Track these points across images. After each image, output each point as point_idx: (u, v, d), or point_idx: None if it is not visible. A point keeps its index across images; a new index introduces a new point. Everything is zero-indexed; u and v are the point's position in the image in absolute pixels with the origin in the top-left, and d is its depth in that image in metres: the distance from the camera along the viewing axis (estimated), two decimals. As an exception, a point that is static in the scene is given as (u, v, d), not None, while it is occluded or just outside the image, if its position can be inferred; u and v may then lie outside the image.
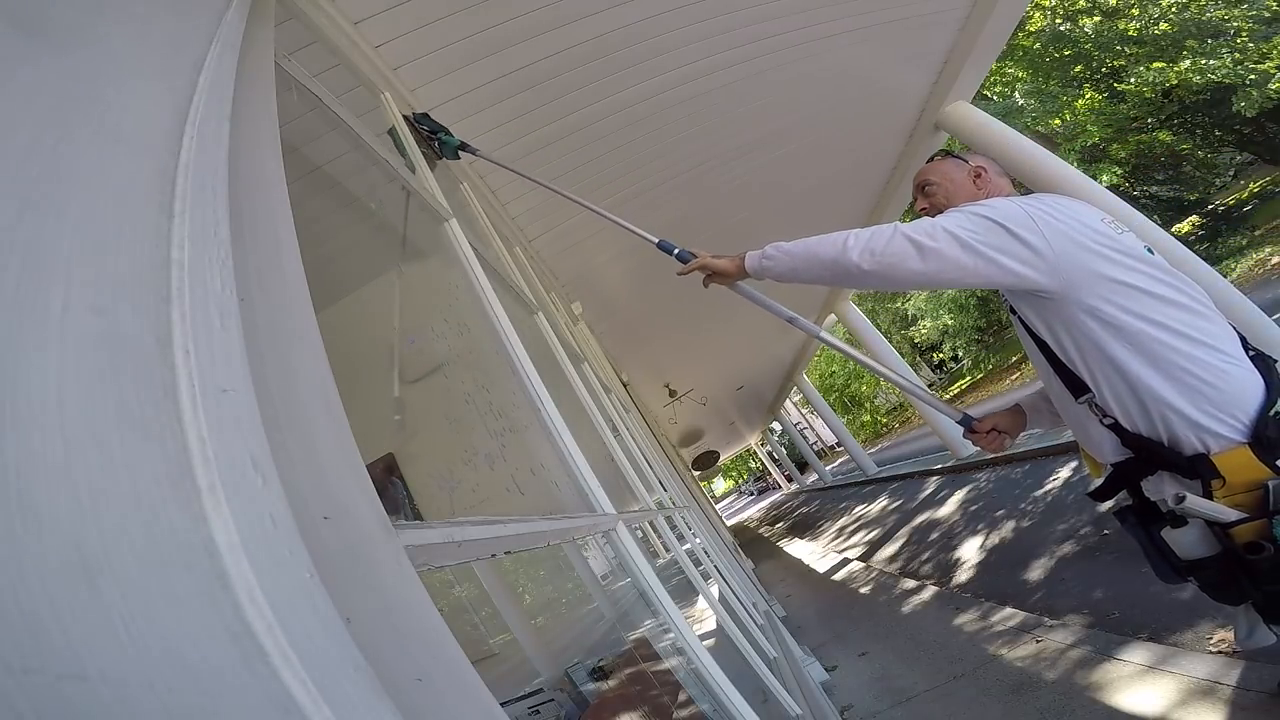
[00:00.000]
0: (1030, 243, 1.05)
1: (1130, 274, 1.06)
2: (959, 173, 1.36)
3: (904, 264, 1.09)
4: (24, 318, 0.33)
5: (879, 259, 1.10)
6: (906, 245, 1.08)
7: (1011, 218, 1.08)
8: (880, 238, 1.10)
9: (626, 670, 2.27)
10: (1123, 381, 1.06)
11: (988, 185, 1.34)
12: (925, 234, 1.08)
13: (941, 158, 1.42)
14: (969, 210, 1.12)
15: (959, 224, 1.09)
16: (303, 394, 0.49)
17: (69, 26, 0.51)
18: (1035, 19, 13.68)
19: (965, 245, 1.06)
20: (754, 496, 40.17)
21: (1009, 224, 1.07)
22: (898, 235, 1.10)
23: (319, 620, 0.32)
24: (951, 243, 1.07)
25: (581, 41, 2.54)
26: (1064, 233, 1.07)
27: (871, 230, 1.12)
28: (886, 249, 1.09)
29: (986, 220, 1.08)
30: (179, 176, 0.48)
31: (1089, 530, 3.70)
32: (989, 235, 1.07)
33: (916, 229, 1.10)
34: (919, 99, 4.42)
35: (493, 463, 1.94)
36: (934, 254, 1.07)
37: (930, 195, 1.37)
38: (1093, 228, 1.09)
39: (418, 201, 1.80)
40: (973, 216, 1.09)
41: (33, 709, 0.25)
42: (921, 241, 1.08)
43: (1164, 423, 1.04)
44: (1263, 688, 1.82)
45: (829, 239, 1.17)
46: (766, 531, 14.89)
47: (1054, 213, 1.10)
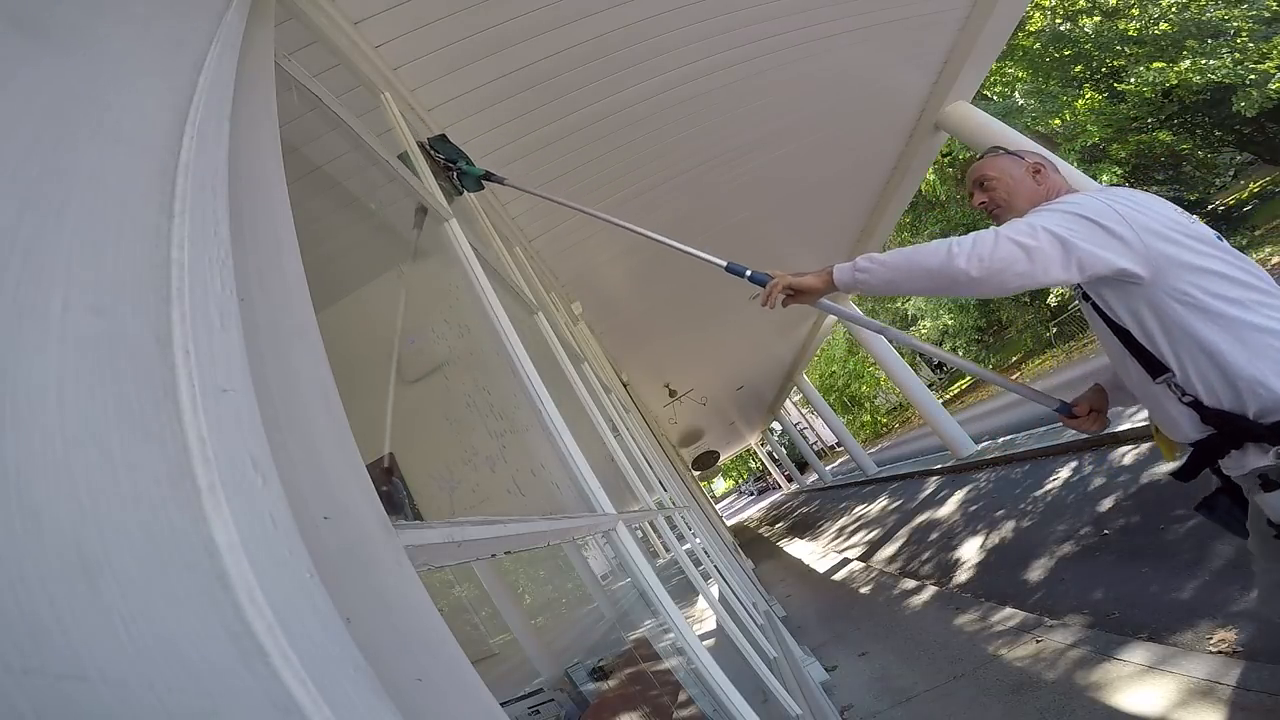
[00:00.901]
0: (1121, 235, 1.10)
1: (1207, 259, 1.11)
2: (1017, 169, 1.39)
3: (1012, 267, 1.12)
4: (24, 318, 0.33)
5: (988, 265, 1.13)
6: (1014, 249, 1.12)
7: (1100, 213, 1.12)
8: (985, 244, 1.14)
9: (626, 670, 2.27)
10: (1209, 361, 1.10)
11: (1047, 180, 1.37)
12: (1028, 236, 1.12)
13: (996, 154, 1.45)
14: (1058, 209, 1.15)
15: (1056, 223, 1.12)
16: (303, 394, 0.49)
17: (69, 27, 0.51)
18: (1035, 19, 13.68)
19: (1066, 243, 1.10)
20: (754, 496, 40.16)
21: (1099, 219, 1.12)
22: (1003, 240, 1.13)
23: (319, 620, 0.32)
24: (1054, 242, 1.11)
25: (581, 41, 2.54)
26: (1146, 223, 1.12)
27: (972, 238, 1.16)
28: (994, 254, 1.13)
29: (1079, 217, 1.12)
30: (179, 176, 0.48)
31: (1089, 530, 3.71)
32: (1085, 231, 1.11)
33: (1017, 232, 1.13)
34: (919, 99, 4.42)
35: (494, 465, 1.94)
36: (1040, 254, 1.11)
37: (990, 190, 1.40)
38: (1170, 217, 1.15)
39: (418, 201, 1.80)
40: (1065, 215, 1.13)
41: (33, 709, 0.25)
42: (1027, 244, 1.11)
43: (1252, 397, 1.08)
44: (1263, 688, 1.82)
45: (929, 250, 1.20)
46: (766, 531, 14.89)
47: (1134, 205, 1.15)
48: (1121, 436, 4.91)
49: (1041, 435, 6.58)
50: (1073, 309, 15.02)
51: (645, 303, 5.74)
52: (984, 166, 1.43)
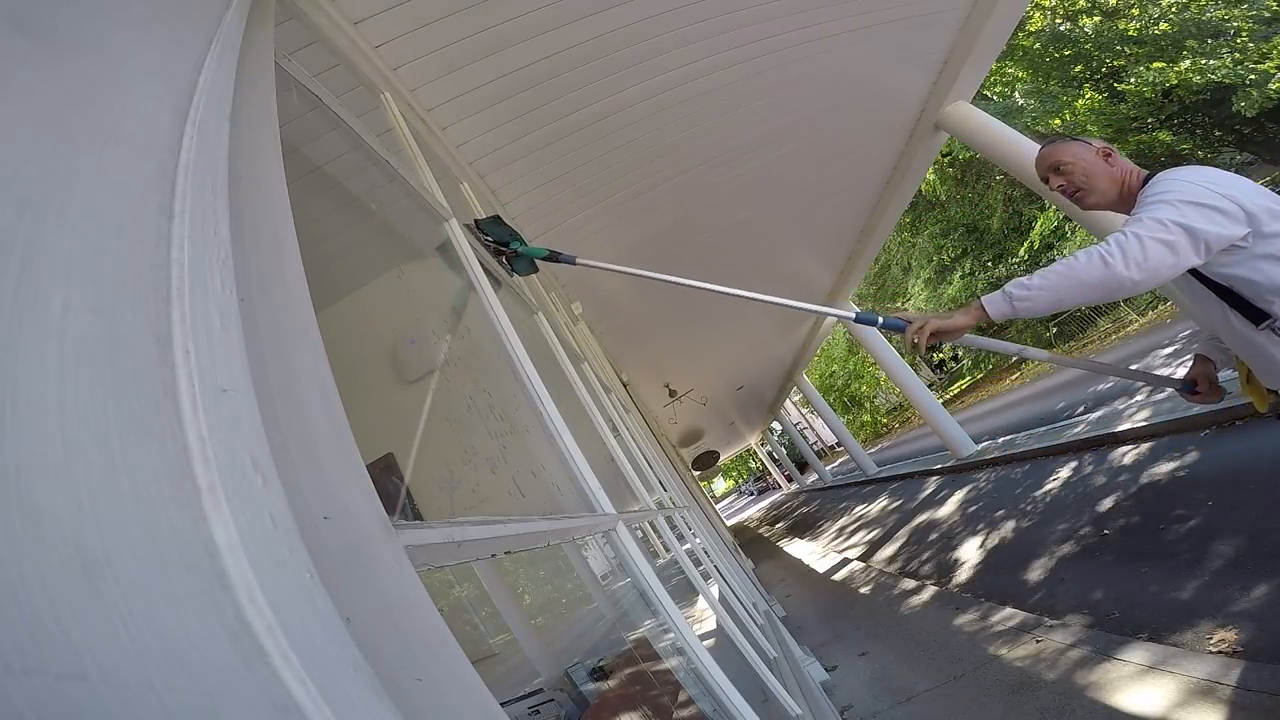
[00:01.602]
0: (1223, 208, 1.22)
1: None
2: (1088, 153, 1.46)
3: (1164, 264, 1.23)
4: (24, 318, 0.33)
5: (1146, 267, 1.23)
6: (1161, 248, 1.22)
7: (1204, 196, 1.23)
8: (1136, 249, 1.23)
9: (626, 670, 2.27)
10: None
11: (1118, 162, 1.45)
12: (1164, 232, 1.22)
13: (1063, 140, 1.52)
14: (1169, 200, 1.25)
15: (1179, 216, 1.23)
16: (303, 394, 0.49)
17: (69, 27, 0.51)
18: (1035, 19, 13.69)
19: (1192, 231, 1.21)
20: (754, 496, 40.17)
21: (1207, 201, 1.23)
22: (1148, 241, 1.22)
23: (319, 620, 0.32)
24: (1183, 232, 1.22)
25: (581, 41, 2.54)
26: (1238, 195, 1.23)
27: (1117, 245, 1.24)
28: (1148, 257, 1.22)
29: (1193, 204, 1.23)
30: (179, 176, 0.48)
31: (1089, 530, 3.71)
32: (1202, 216, 1.22)
33: (1153, 231, 1.23)
34: (919, 99, 4.42)
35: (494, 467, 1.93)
36: (1180, 247, 1.22)
37: (1068, 174, 1.47)
38: (1251, 189, 1.26)
39: (417, 201, 1.80)
40: (1181, 205, 1.23)
41: (33, 709, 0.25)
42: (1170, 240, 1.22)
43: None
44: (1263, 688, 1.82)
45: (1082, 265, 1.27)
46: (766, 531, 14.89)
47: (1223, 181, 1.26)
48: (1121, 436, 4.91)
49: (1041, 435, 6.58)
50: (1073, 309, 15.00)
51: (645, 303, 5.74)
52: (1056, 152, 1.50)
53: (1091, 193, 1.44)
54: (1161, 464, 4.02)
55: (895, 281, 20.89)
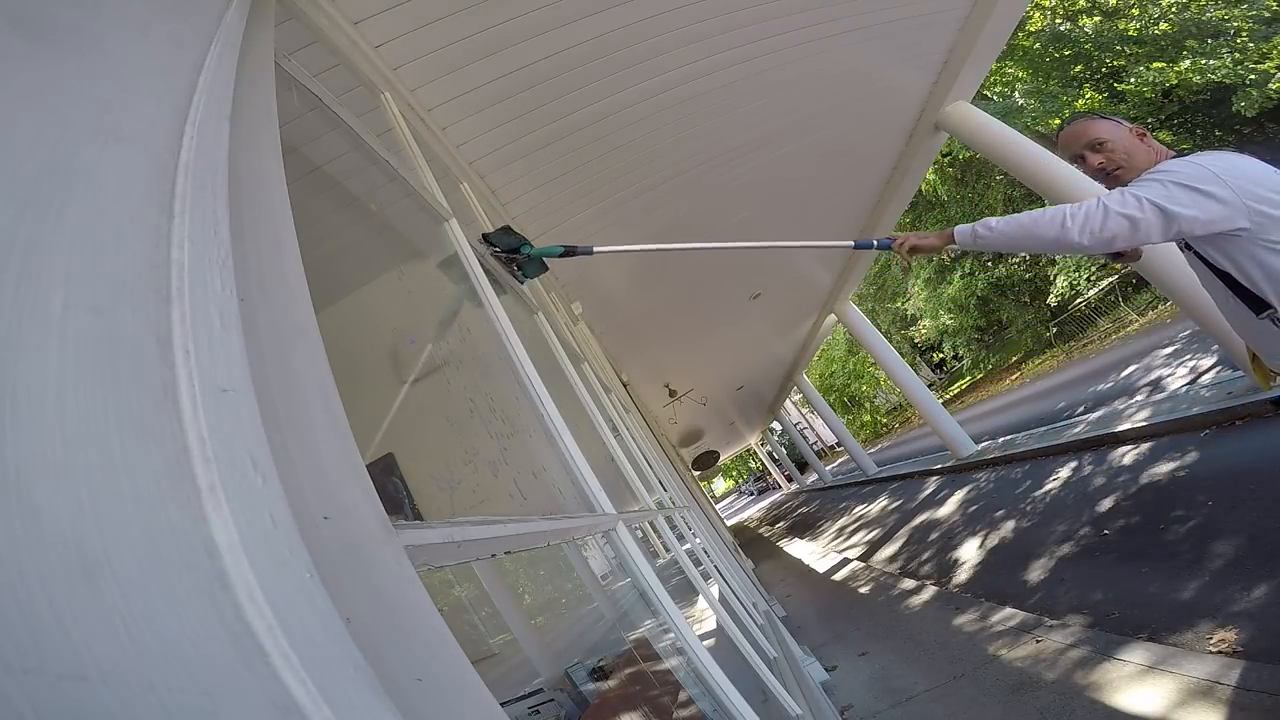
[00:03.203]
0: (1220, 195, 1.22)
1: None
2: (1121, 131, 1.48)
3: (1120, 235, 1.26)
4: (24, 318, 0.33)
5: (1098, 235, 1.28)
6: (1122, 222, 1.26)
7: (1199, 178, 1.24)
8: (1096, 217, 1.28)
9: (626, 670, 2.27)
10: None
11: (1151, 143, 1.47)
12: (1134, 208, 1.25)
13: (1093, 118, 1.52)
14: (1159, 179, 1.27)
15: (1157, 194, 1.24)
16: (303, 394, 0.49)
17: (69, 27, 0.51)
18: (1035, 19, 13.68)
19: (1167, 213, 1.23)
20: (754, 496, 40.16)
21: (1199, 184, 1.23)
22: (1112, 214, 1.27)
23: (319, 620, 0.32)
24: (1157, 213, 1.24)
25: (581, 41, 2.54)
26: (1243, 184, 1.23)
27: (1084, 209, 1.29)
28: (1105, 226, 1.27)
29: (1180, 186, 1.24)
30: (179, 176, 0.48)
31: (1089, 530, 3.71)
32: (1186, 198, 1.23)
33: (1124, 205, 1.26)
34: (919, 99, 4.42)
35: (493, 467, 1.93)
36: (1144, 224, 1.25)
37: (1109, 152, 1.47)
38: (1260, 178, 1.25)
39: (417, 201, 1.80)
40: (1168, 185, 1.25)
41: (33, 709, 0.25)
42: (1134, 216, 1.25)
43: None
44: (1263, 688, 1.82)
45: (1045, 219, 1.35)
46: (766, 531, 14.89)
47: (1228, 164, 1.26)
48: (1121, 436, 4.91)
49: (1041, 435, 6.58)
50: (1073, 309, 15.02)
51: (645, 303, 5.74)
52: (1092, 129, 1.50)
53: (1131, 171, 1.44)
54: (1161, 464, 4.02)
55: (895, 281, 20.90)
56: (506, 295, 2.11)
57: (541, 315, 2.60)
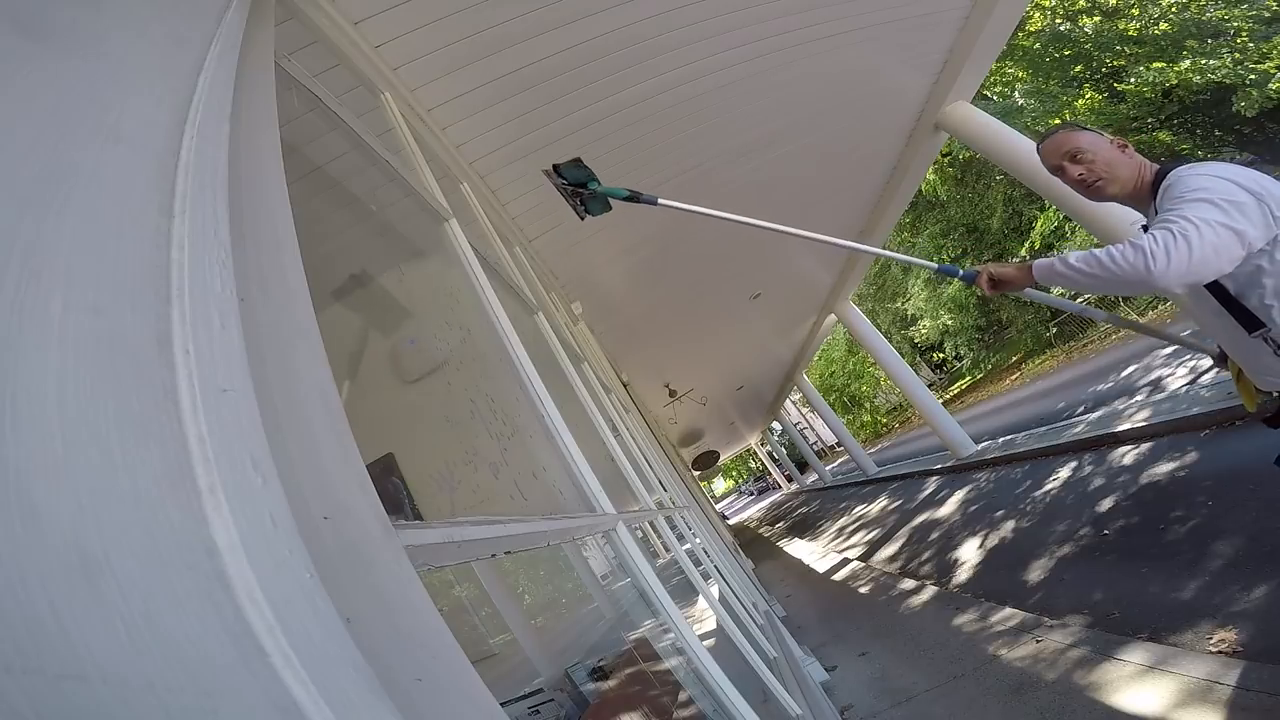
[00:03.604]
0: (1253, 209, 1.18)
1: None
2: (1102, 143, 1.43)
3: (1208, 265, 1.18)
4: (24, 318, 0.33)
5: (1190, 271, 1.19)
6: (1206, 249, 1.17)
7: (1239, 195, 1.19)
8: (1182, 251, 1.18)
9: (626, 670, 2.27)
10: None
11: (1133, 155, 1.43)
12: (1210, 233, 1.17)
13: (1074, 128, 1.47)
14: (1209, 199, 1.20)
15: (1221, 217, 1.18)
16: (303, 394, 0.49)
17: (69, 27, 0.51)
18: (1035, 19, 13.68)
19: (1238, 233, 1.17)
20: (754, 496, 40.17)
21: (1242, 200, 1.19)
22: (1197, 244, 1.17)
23: (319, 620, 0.32)
24: (1230, 234, 1.17)
25: (581, 42, 2.54)
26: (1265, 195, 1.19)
27: (1163, 244, 1.19)
28: (1193, 257, 1.17)
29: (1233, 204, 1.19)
30: (179, 176, 0.48)
31: (1089, 530, 3.70)
32: (1242, 217, 1.18)
33: (1200, 232, 1.17)
34: (919, 99, 4.42)
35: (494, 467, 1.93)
36: (1225, 249, 1.17)
37: (1089, 163, 1.42)
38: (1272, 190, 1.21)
39: (417, 201, 1.80)
40: (1225, 205, 1.19)
41: (33, 709, 0.25)
42: (1216, 243, 1.17)
43: None
44: (1263, 688, 1.82)
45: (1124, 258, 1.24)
46: (767, 531, 14.89)
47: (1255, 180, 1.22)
48: (1121, 436, 4.91)
49: (1042, 435, 6.58)
50: None
51: (645, 303, 5.74)
52: (1072, 140, 1.44)
53: (1113, 183, 1.40)
54: (1161, 464, 4.02)
55: (895, 281, 20.90)
56: (508, 296, 2.11)
57: (541, 315, 2.60)
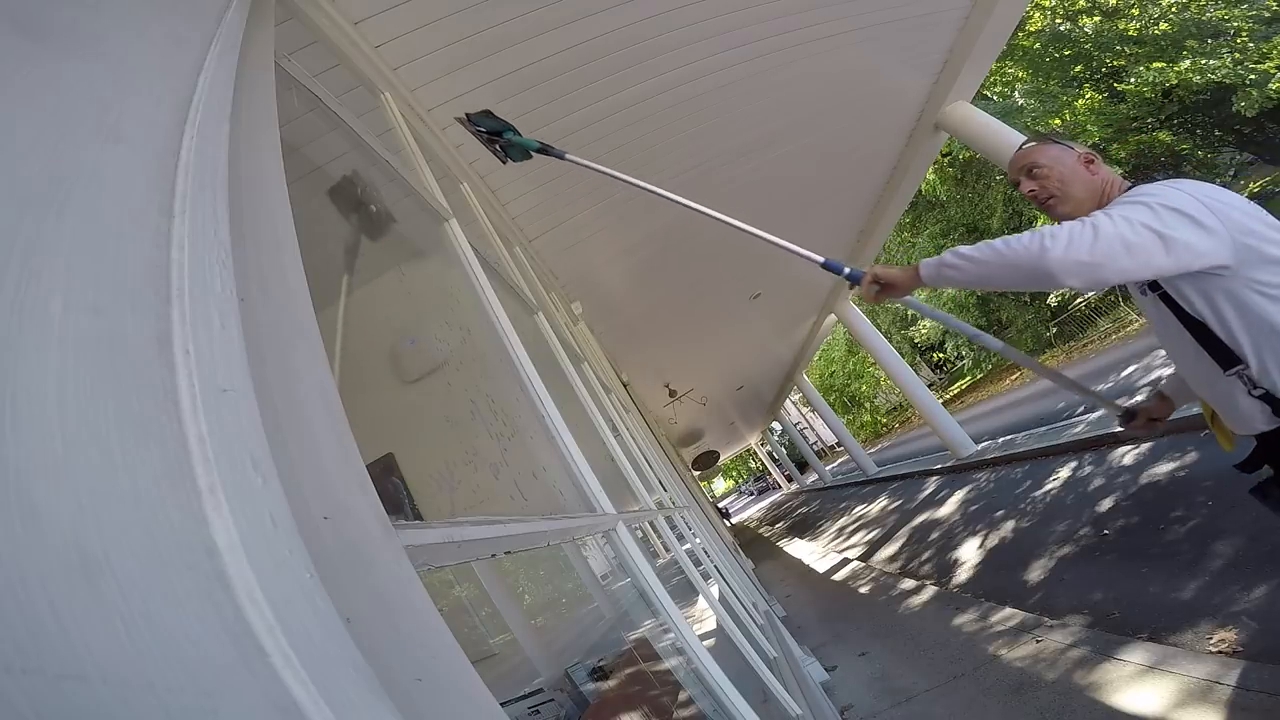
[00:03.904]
0: (1210, 226, 1.08)
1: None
2: (1068, 157, 1.35)
3: (1114, 262, 1.09)
4: (24, 318, 0.33)
5: (1088, 259, 1.10)
6: (1115, 244, 1.09)
7: (1186, 205, 1.10)
8: (1084, 240, 1.10)
9: (626, 670, 2.27)
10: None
11: (1100, 171, 1.33)
12: (1127, 231, 1.09)
13: (1044, 141, 1.40)
14: (1145, 203, 1.13)
15: (1150, 218, 1.09)
16: (303, 394, 0.49)
17: (69, 27, 0.51)
18: (1035, 19, 13.68)
19: (1165, 238, 1.08)
20: (754, 496, 40.18)
21: (1190, 210, 1.09)
22: (1101, 234, 1.10)
23: (319, 620, 0.32)
24: (1153, 236, 1.08)
25: (581, 42, 2.54)
26: (1229, 214, 1.10)
27: (1066, 231, 1.12)
28: (1095, 249, 1.09)
29: (1173, 210, 1.10)
30: (179, 176, 0.48)
31: (1089, 530, 3.70)
32: (1180, 225, 1.08)
33: (1116, 227, 1.10)
34: (919, 99, 4.42)
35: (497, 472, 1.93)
36: (1141, 250, 1.08)
37: (1041, 179, 1.35)
38: (1248, 209, 1.13)
39: (417, 201, 1.80)
40: (1159, 209, 1.11)
41: (33, 709, 0.25)
42: (1129, 239, 1.08)
43: None
44: (1263, 688, 1.82)
45: (1019, 243, 1.17)
46: (767, 531, 14.89)
47: (1216, 195, 1.13)
48: (1121, 436, 4.91)
49: (1042, 435, 6.58)
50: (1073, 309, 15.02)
51: (645, 303, 5.74)
52: (1033, 153, 1.38)
53: (1065, 201, 1.31)
54: (1161, 464, 4.02)
55: (895, 281, 20.86)
56: (508, 295, 2.11)
57: (541, 315, 2.60)
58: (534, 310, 2.58)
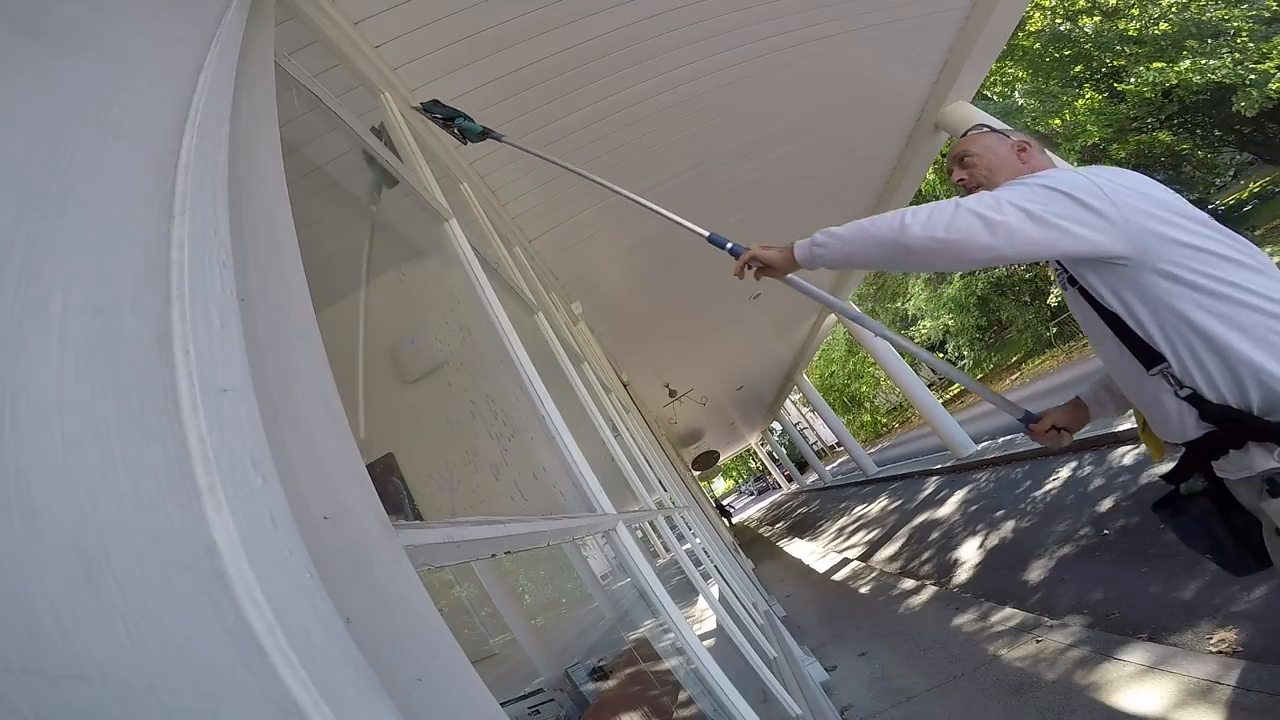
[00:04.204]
0: (1099, 209, 1.02)
1: (1199, 238, 1.03)
2: (1001, 146, 1.31)
3: (972, 239, 1.04)
4: (24, 318, 0.33)
5: (943, 237, 1.05)
6: (973, 220, 1.04)
7: (1077, 186, 1.04)
8: (943, 214, 1.06)
9: (626, 670, 2.27)
10: (1206, 347, 1.01)
11: (1032, 161, 1.29)
12: (990, 208, 1.04)
13: (981, 130, 1.37)
14: (1030, 182, 1.08)
15: (1024, 196, 1.05)
16: (303, 394, 0.49)
17: (69, 27, 0.51)
18: (1035, 19, 13.68)
19: (1034, 216, 1.02)
20: (754, 496, 40.19)
21: (1075, 192, 1.03)
22: (961, 211, 1.05)
23: (319, 620, 0.32)
24: (1020, 215, 1.03)
25: (581, 41, 2.54)
26: (1130, 199, 1.03)
27: (930, 207, 1.08)
28: (952, 225, 1.05)
29: (1051, 190, 1.04)
30: (179, 176, 0.48)
31: (1089, 530, 3.70)
32: (1057, 204, 1.03)
33: (980, 203, 1.05)
34: (919, 99, 4.42)
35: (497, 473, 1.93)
36: (1002, 227, 1.03)
37: (970, 167, 1.32)
38: (1157, 195, 1.07)
39: (417, 201, 1.80)
40: (1036, 188, 1.06)
41: (33, 709, 0.25)
42: (988, 216, 1.03)
43: (1257, 388, 0.99)
44: (1263, 688, 1.82)
45: (883, 219, 1.12)
46: (767, 531, 14.89)
47: (1117, 179, 1.07)
48: (1121, 436, 4.91)
49: (1041, 435, 6.57)
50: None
51: (645, 303, 5.74)
52: (966, 143, 1.34)
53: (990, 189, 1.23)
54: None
55: (895, 281, 20.90)
56: (508, 295, 2.11)
57: (541, 315, 2.60)
58: (534, 310, 2.58)
